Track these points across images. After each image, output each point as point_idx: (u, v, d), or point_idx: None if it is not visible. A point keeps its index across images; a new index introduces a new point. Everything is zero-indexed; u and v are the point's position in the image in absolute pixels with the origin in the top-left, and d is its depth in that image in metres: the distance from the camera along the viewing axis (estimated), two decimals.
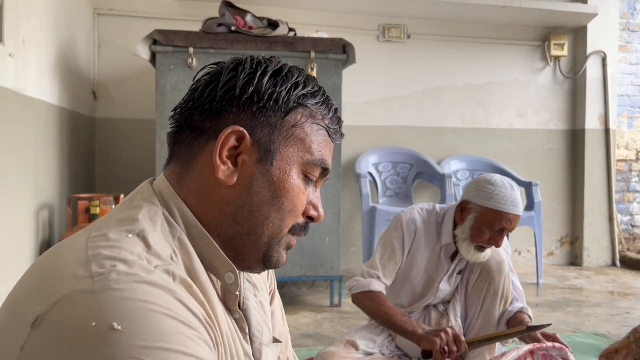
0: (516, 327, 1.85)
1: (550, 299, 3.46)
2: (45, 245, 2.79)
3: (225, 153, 0.69)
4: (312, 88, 0.74)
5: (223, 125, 0.70)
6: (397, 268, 1.95)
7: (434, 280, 1.97)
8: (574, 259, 4.63)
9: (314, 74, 3.02)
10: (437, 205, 2.02)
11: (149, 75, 3.54)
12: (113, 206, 2.87)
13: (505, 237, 1.92)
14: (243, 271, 0.76)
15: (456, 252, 1.96)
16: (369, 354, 1.95)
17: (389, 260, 1.93)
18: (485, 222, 1.80)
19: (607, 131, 4.53)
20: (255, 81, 0.70)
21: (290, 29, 3.17)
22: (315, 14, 4.07)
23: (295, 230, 0.74)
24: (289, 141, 0.72)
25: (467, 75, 4.43)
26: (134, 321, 0.53)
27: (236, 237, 0.71)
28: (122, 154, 3.83)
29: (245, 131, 0.69)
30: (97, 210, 2.77)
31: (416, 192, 4.20)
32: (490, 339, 1.87)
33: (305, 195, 0.74)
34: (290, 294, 3.42)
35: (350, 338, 1.97)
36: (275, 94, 0.71)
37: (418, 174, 4.14)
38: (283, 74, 0.72)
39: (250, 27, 3.08)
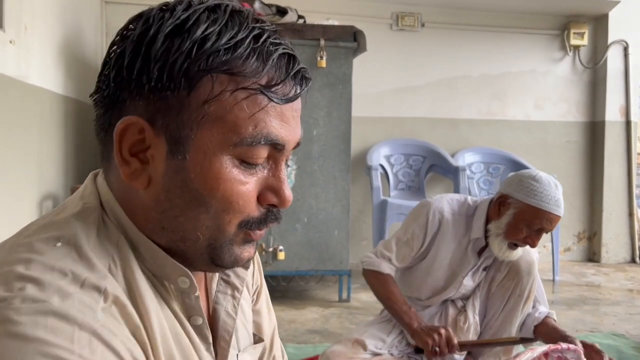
0: (510, 337, 1.84)
1: (567, 297, 3.35)
2: None
3: (127, 150, 0.56)
4: (231, 38, 0.54)
5: (123, 113, 0.56)
6: (412, 255, 1.89)
7: (457, 274, 1.90)
8: (592, 255, 4.50)
9: (324, 63, 2.93)
10: (469, 198, 1.94)
11: None
12: None
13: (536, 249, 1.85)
14: (204, 272, 0.66)
15: (484, 248, 1.88)
16: (377, 354, 1.89)
17: (405, 244, 1.88)
18: (525, 220, 1.71)
19: (628, 123, 4.38)
20: (143, 52, 0.54)
21: (300, 17, 3.09)
22: (326, 0, 3.97)
23: (250, 225, 0.59)
24: (203, 124, 0.55)
25: (483, 66, 4.30)
26: None
27: (172, 244, 0.59)
28: None
29: (142, 121, 0.55)
30: None
31: (429, 185, 4.10)
32: (482, 345, 1.82)
33: (246, 185, 0.57)
34: (298, 289, 3.36)
35: (358, 337, 1.91)
36: (168, 67, 0.53)
37: (431, 167, 4.04)
38: (185, 29, 0.54)
39: (258, 14, 2.99)
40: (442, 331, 1.73)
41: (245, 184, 0.57)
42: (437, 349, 1.70)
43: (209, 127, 0.55)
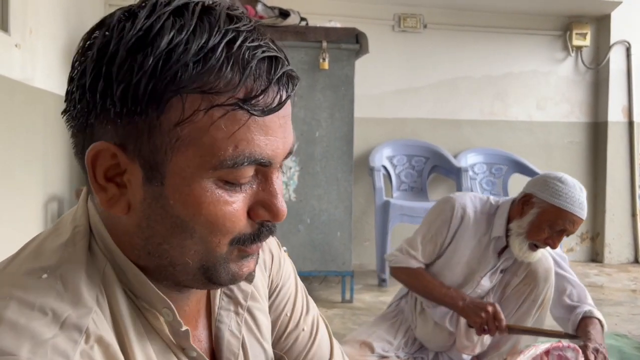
0: (556, 330, 1.84)
1: None
2: None
3: (102, 176, 0.52)
4: (201, 46, 0.48)
5: (94, 137, 0.51)
6: (436, 250, 1.92)
7: (475, 273, 1.91)
8: (595, 256, 4.50)
9: (326, 65, 2.95)
10: (491, 197, 1.97)
11: None
12: None
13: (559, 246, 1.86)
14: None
15: (504, 249, 1.89)
16: (384, 357, 1.91)
17: (430, 241, 1.91)
18: (548, 220, 1.73)
19: (630, 124, 4.38)
20: (103, 72, 0.48)
21: (302, 19, 3.11)
22: (328, 2, 3.99)
23: (243, 242, 0.55)
24: (177, 147, 0.50)
25: (485, 66, 4.31)
26: None
27: (161, 269, 0.55)
28: None
29: (112, 147, 0.50)
30: None
31: (431, 186, 4.11)
32: (531, 332, 1.83)
33: (233, 205, 0.52)
34: None
35: (366, 339, 1.93)
36: (131, 88, 0.48)
37: (434, 168, 4.05)
38: (148, 41, 0.48)
39: (261, 17, 3.02)
40: (490, 308, 1.76)
41: (231, 204, 0.52)
42: (486, 327, 1.75)
43: (184, 151, 0.50)
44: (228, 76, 0.48)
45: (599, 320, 1.81)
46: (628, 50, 4.34)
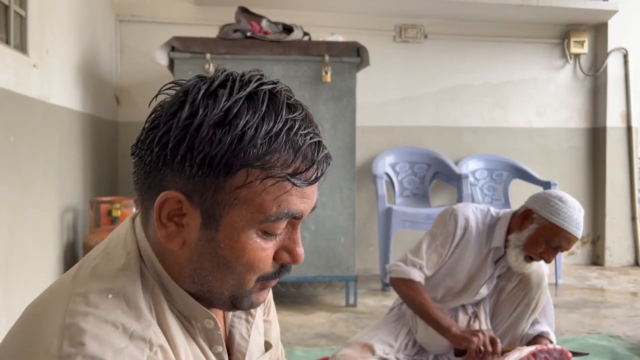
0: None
1: (568, 300, 3.44)
2: (70, 247, 2.90)
3: (165, 216, 0.64)
4: (267, 133, 0.61)
5: (164, 183, 0.64)
6: (440, 261, 1.97)
7: (474, 281, 1.99)
8: (596, 259, 4.58)
9: (329, 77, 3.06)
10: (492, 209, 2.04)
11: (169, 80, 3.63)
12: (134, 209, 2.97)
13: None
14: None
15: (499, 258, 1.98)
16: (384, 359, 1.98)
17: (434, 252, 1.95)
18: (545, 236, 1.81)
19: (629, 129, 4.46)
20: (187, 140, 0.61)
21: (305, 33, 3.22)
22: (330, 15, 4.11)
23: (266, 279, 0.69)
24: (235, 205, 0.63)
25: (485, 75, 4.41)
26: None
27: (200, 293, 0.69)
28: None
29: (181, 196, 0.63)
30: (119, 213, 2.87)
31: (433, 192, 4.21)
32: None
33: (266, 251, 0.67)
34: (307, 294, 3.48)
35: (367, 341, 1.99)
36: (209, 158, 0.60)
37: (435, 174, 4.15)
38: (227, 121, 0.61)
39: (265, 33, 3.14)
40: (485, 332, 1.82)
41: (266, 250, 0.66)
42: (482, 347, 1.78)
43: (239, 208, 0.63)
44: (284, 156, 0.62)
45: (550, 342, 1.94)
46: (625, 57, 4.43)
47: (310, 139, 0.64)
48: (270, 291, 0.95)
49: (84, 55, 3.19)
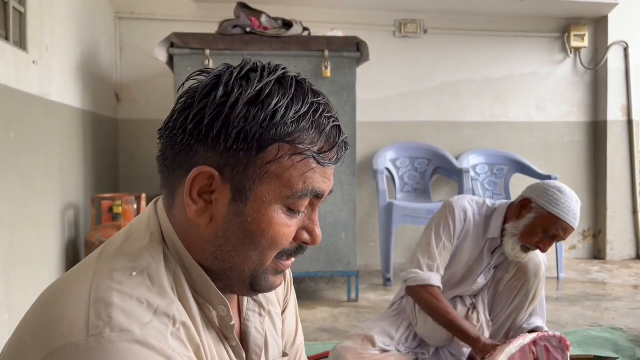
0: (581, 355, 1.91)
1: (570, 293, 3.44)
2: (71, 244, 2.90)
3: (196, 192, 0.67)
4: (296, 112, 0.66)
5: (195, 160, 0.67)
6: (449, 257, 1.98)
7: (473, 272, 2.01)
8: (597, 253, 4.58)
9: (328, 72, 3.06)
10: (487, 200, 2.06)
11: (169, 77, 3.63)
12: (135, 206, 2.97)
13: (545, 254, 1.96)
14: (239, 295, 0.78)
15: (496, 248, 1.99)
16: (385, 351, 1.99)
17: (444, 249, 1.96)
18: (543, 225, 1.83)
19: (630, 122, 4.46)
20: (223, 116, 0.65)
21: (305, 29, 3.22)
22: (330, 11, 4.11)
23: (282, 256, 0.72)
24: (264, 179, 0.66)
25: (486, 69, 4.41)
26: None
27: (221, 272, 0.71)
28: (146, 155, 3.93)
29: (214, 171, 0.66)
30: (120, 209, 2.87)
31: (434, 187, 4.21)
32: None
33: (290, 227, 0.70)
34: (309, 290, 3.48)
35: (368, 333, 2.00)
36: (243, 132, 0.64)
37: (436, 169, 4.15)
38: (260, 100, 0.65)
39: (265, 28, 3.13)
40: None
41: (290, 227, 0.70)
42: None
43: (268, 182, 0.67)
44: (311, 135, 0.67)
45: None
46: (626, 50, 4.43)
47: (333, 122, 0.69)
48: (294, 291, 0.96)
49: (83, 53, 3.19)
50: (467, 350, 2.09)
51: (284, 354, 0.88)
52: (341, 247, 3.17)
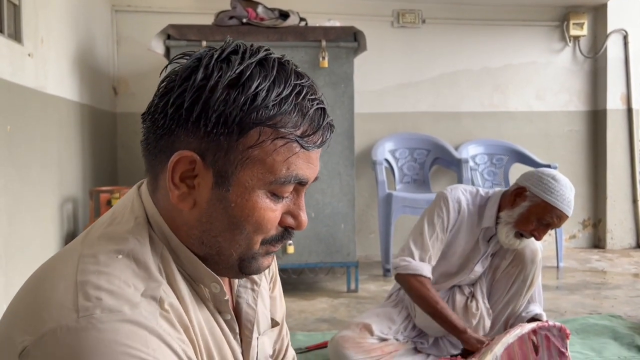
0: None
1: (570, 282, 3.44)
2: (70, 237, 2.91)
3: (178, 177, 0.66)
4: (278, 95, 0.64)
5: (177, 145, 0.66)
6: (442, 248, 1.99)
7: (469, 261, 2.01)
8: (597, 242, 4.57)
9: (326, 63, 3.05)
10: (481, 189, 2.06)
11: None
12: None
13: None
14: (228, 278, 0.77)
15: (492, 236, 1.99)
16: (383, 339, 1.99)
17: (437, 240, 1.97)
18: (537, 213, 1.84)
19: (629, 111, 4.45)
20: (203, 100, 0.63)
21: (302, 19, 3.21)
22: (327, 1, 4.09)
23: (270, 242, 0.71)
24: (247, 164, 0.65)
25: (484, 59, 4.39)
26: None
27: (208, 256, 0.70)
28: None
29: (195, 156, 0.65)
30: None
31: (434, 178, 4.20)
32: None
33: (275, 212, 0.69)
34: (308, 281, 3.49)
35: (366, 321, 2.01)
36: (224, 116, 0.63)
37: (435, 160, 4.14)
38: (240, 83, 0.63)
39: (261, 19, 3.12)
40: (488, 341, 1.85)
41: (274, 211, 0.69)
42: None
43: (251, 167, 0.65)
44: (294, 118, 0.65)
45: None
46: (625, 38, 4.40)
47: (317, 104, 0.67)
48: (277, 267, 0.97)
49: (79, 46, 3.17)
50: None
51: (275, 324, 0.89)
52: (340, 238, 3.17)
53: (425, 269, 1.92)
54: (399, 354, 1.97)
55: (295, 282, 3.43)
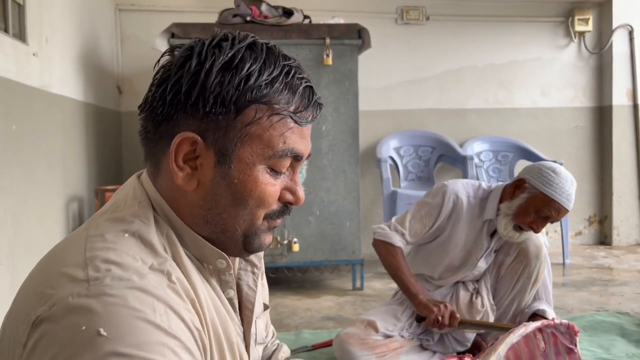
0: (507, 324, 1.92)
1: (576, 279, 3.43)
2: None
3: (181, 159, 0.69)
4: (269, 75, 0.68)
5: (177, 129, 0.69)
6: (424, 231, 2.01)
7: (471, 255, 2.01)
8: (603, 238, 4.55)
9: (330, 60, 3.04)
10: (483, 183, 2.06)
11: None
12: None
13: (546, 236, 1.96)
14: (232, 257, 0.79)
15: (495, 231, 1.99)
16: (388, 336, 1.99)
17: (418, 221, 2.00)
18: (535, 205, 1.83)
19: (635, 107, 4.42)
20: (200, 83, 0.67)
21: (306, 17, 3.20)
22: None
23: (272, 216, 0.75)
24: (245, 141, 0.69)
25: (489, 55, 4.37)
26: (120, 328, 0.56)
27: (212, 235, 0.73)
28: None
29: (196, 137, 0.68)
30: None
31: (438, 175, 4.19)
32: (482, 326, 1.93)
33: (275, 186, 0.73)
34: (314, 279, 3.48)
35: (371, 318, 2.01)
36: (221, 96, 0.67)
37: (440, 157, 4.13)
38: (233, 65, 0.67)
39: (265, 17, 3.11)
40: (448, 305, 1.88)
41: (274, 186, 0.73)
42: (440, 318, 1.85)
43: (250, 144, 0.70)
44: (286, 96, 0.70)
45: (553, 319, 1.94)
46: (630, 33, 4.37)
47: (305, 82, 0.72)
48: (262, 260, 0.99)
49: (84, 45, 3.18)
50: (471, 335, 2.09)
51: (265, 307, 0.93)
52: (345, 235, 3.16)
53: (396, 239, 1.98)
54: (405, 350, 1.96)
55: (301, 280, 3.43)
